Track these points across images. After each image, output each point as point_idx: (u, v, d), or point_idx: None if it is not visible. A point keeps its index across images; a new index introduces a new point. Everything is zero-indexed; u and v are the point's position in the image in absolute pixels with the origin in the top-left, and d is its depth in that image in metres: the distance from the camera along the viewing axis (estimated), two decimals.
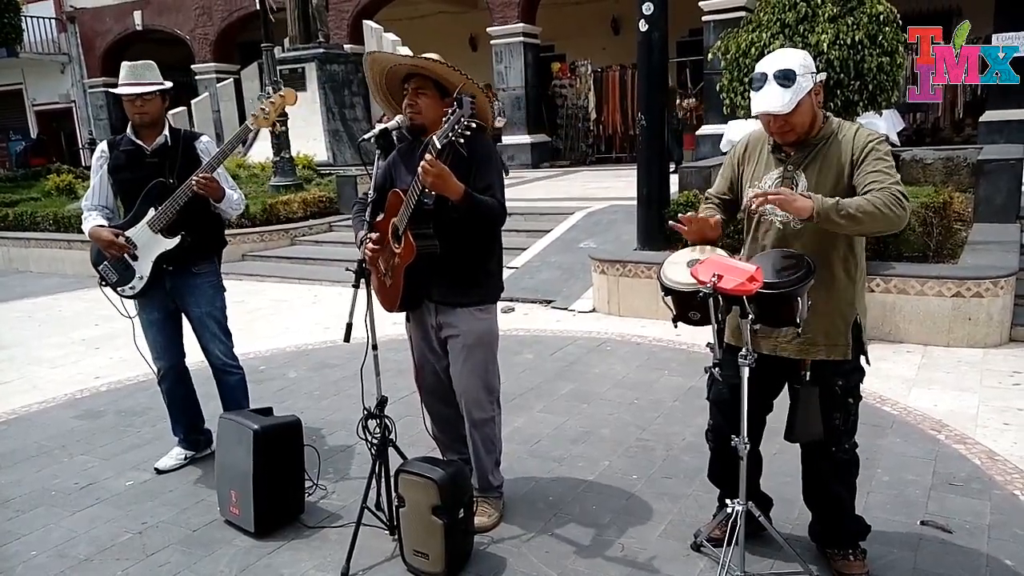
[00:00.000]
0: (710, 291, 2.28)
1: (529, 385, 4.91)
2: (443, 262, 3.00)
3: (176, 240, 3.63)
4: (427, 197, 2.87)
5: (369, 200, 3.08)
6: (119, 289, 3.78)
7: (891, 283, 5.37)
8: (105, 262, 3.75)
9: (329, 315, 7.10)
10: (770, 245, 2.58)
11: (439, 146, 2.78)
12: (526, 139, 15.78)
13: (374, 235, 3.06)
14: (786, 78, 2.42)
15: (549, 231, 8.57)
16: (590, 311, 6.68)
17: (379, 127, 3.05)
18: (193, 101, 17.38)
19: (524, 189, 11.93)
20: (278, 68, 13.86)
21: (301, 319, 7.19)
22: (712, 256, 2.43)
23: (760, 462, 3.00)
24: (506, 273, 7.70)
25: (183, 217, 3.60)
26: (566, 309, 6.80)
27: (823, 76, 2.57)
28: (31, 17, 21.31)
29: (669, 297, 2.54)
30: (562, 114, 16.72)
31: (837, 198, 2.33)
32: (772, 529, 2.76)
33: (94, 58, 22.46)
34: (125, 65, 3.63)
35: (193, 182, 3.47)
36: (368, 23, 14.77)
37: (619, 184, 11.12)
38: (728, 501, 2.71)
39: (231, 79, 17.96)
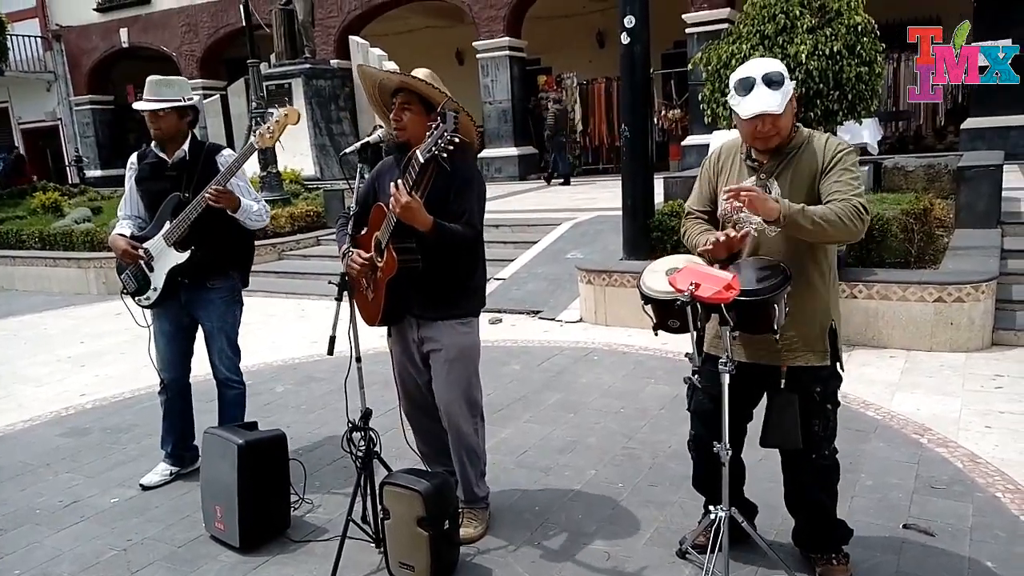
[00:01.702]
0: (688, 299, 2.31)
1: (516, 396, 4.92)
2: (425, 276, 3.01)
3: (186, 255, 3.65)
4: None
5: (351, 214, 3.10)
6: (136, 298, 3.81)
7: (873, 289, 5.41)
8: (127, 271, 3.79)
9: (316, 329, 7.10)
10: (746, 253, 2.61)
11: (422, 160, 2.81)
12: (513, 151, 15.85)
13: (364, 253, 3.06)
14: (775, 81, 2.47)
15: (536, 242, 8.61)
16: (577, 321, 6.70)
17: (361, 141, 3.07)
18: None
19: (511, 201, 11.97)
20: (265, 84, 13.90)
21: (288, 333, 7.18)
22: (690, 264, 2.45)
23: (743, 470, 3.03)
24: (493, 284, 7.80)
25: (196, 232, 3.62)
26: (553, 319, 6.83)
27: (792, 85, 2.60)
28: (16, 36, 21.25)
29: (649, 305, 2.56)
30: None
31: (803, 204, 2.38)
32: (756, 535, 2.77)
33: (80, 76, 22.46)
34: (148, 80, 3.65)
35: (206, 195, 3.49)
36: (354, 39, 14.85)
37: (605, 195, 11.18)
38: (711, 507, 2.73)
39: (218, 95, 17.96)
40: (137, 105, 3.63)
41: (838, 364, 2.71)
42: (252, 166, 12.34)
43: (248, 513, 3.19)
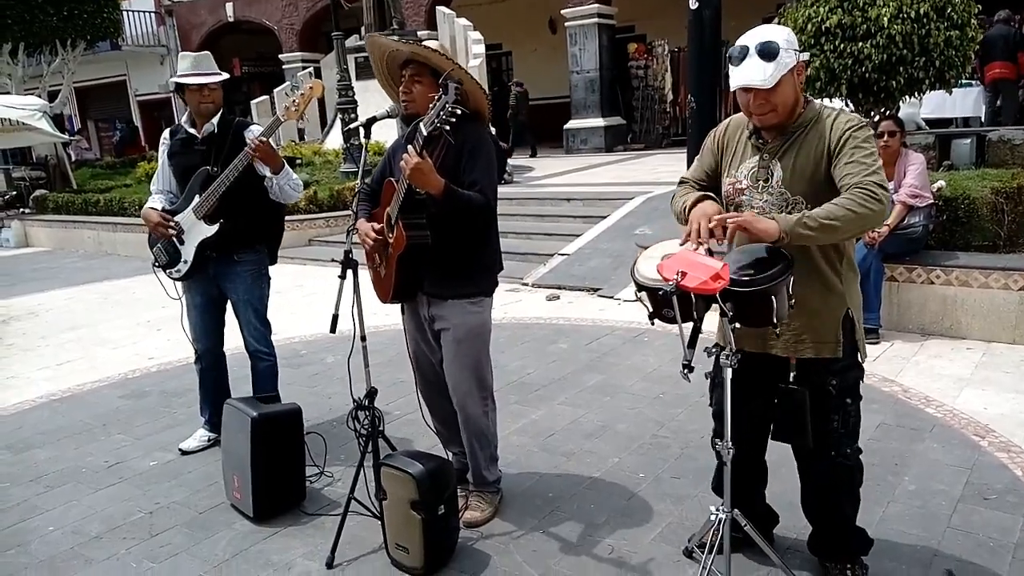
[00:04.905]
0: (672, 289, 2.15)
1: (557, 376, 4.83)
2: (435, 253, 2.96)
3: (216, 227, 3.72)
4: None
5: (357, 189, 3.08)
6: (167, 271, 3.93)
7: (952, 274, 4.99)
8: (158, 245, 3.91)
9: (375, 299, 7.17)
10: (749, 239, 2.42)
11: (425, 133, 2.75)
12: (599, 122, 15.53)
13: (376, 224, 3.05)
14: (768, 51, 2.24)
15: (606, 217, 8.40)
16: (635, 300, 6.48)
17: (367, 116, 3.02)
18: (276, 90, 17.87)
19: (590, 174, 11.75)
20: (354, 56, 14.08)
21: (350, 303, 7.29)
22: (682, 251, 2.28)
23: (764, 473, 2.84)
24: (556, 260, 7.68)
25: (226, 205, 3.68)
26: (612, 298, 6.66)
27: (806, 56, 2.36)
28: (132, 11, 22.40)
29: (643, 293, 2.41)
30: (638, 96, 16.34)
31: (803, 212, 2.18)
32: (761, 541, 2.59)
33: (191, 49, 23.42)
34: (188, 56, 3.75)
35: (249, 149, 3.51)
36: (441, 9, 14.80)
37: None
38: (712, 508, 2.57)
39: (312, 68, 18.38)
40: (190, 80, 3.63)
41: (859, 355, 2.50)
42: (337, 140, 12.59)
43: (261, 484, 3.25)
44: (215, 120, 3.76)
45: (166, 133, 3.96)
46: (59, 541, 3.25)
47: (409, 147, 2.75)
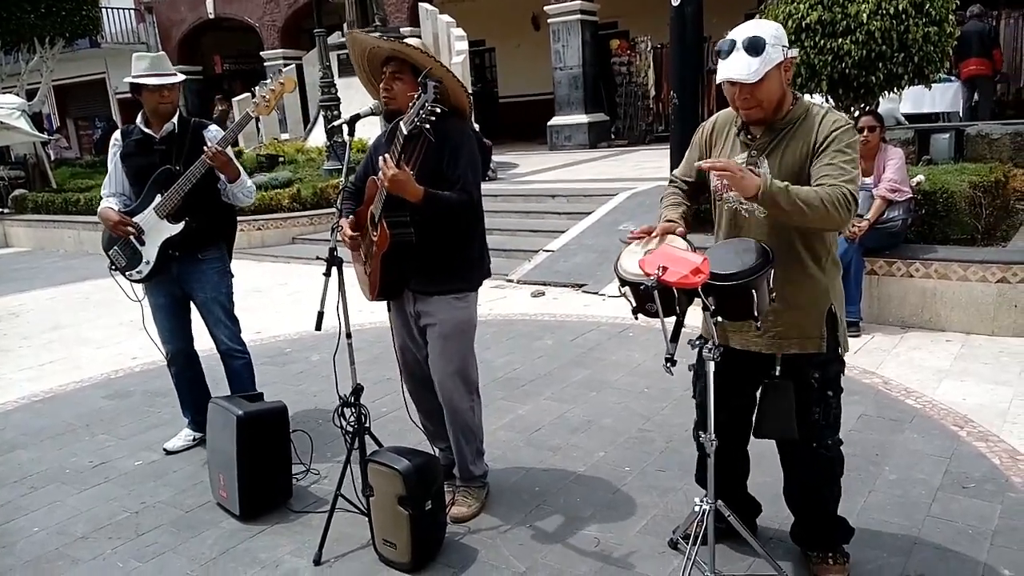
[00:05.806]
0: (653, 284, 2.17)
1: (543, 371, 4.85)
2: (419, 250, 2.98)
3: (180, 226, 3.70)
4: None
5: (341, 187, 3.08)
6: (127, 273, 3.88)
7: (931, 267, 5.06)
8: (115, 247, 3.86)
9: (363, 299, 7.17)
10: (734, 232, 2.45)
11: (405, 132, 2.77)
12: (583, 119, 15.54)
13: (350, 221, 3.07)
14: (755, 47, 2.26)
15: (590, 213, 8.43)
16: (620, 296, 6.51)
17: (351, 114, 3.03)
18: (255, 88, 17.79)
19: (574, 171, 11.77)
20: (336, 54, 14.05)
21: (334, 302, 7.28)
22: (663, 246, 2.31)
23: (747, 464, 2.88)
24: (541, 256, 7.71)
25: (189, 203, 3.66)
26: (596, 293, 6.69)
27: (795, 52, 2.38)
28: (112, 8, 22.21)
29: (627, 287, 2.44)
30: (621, 92, 16.36)
31: (787, 183, 2.19)
32: (744, 531, 2.63)
33: (171, 46, 23.15)
34: (144, 56, 3.69)
35: (206, 156, 3.50)
36: (424, 6, 14.77)
37: None
38: (696, 499, 2.60)
39: (293, 65, 18.30)
40: (150, 81, 3.60)
41: (840, 349, 2.53)
42: (320, 137, 12.53)
43: (247, 483, 3.25)
44: (175, 119, 3.74)
45: (117, 134, 3.90)
46: (45, 542, 3.24)
47: (386, 156, 2.76)
